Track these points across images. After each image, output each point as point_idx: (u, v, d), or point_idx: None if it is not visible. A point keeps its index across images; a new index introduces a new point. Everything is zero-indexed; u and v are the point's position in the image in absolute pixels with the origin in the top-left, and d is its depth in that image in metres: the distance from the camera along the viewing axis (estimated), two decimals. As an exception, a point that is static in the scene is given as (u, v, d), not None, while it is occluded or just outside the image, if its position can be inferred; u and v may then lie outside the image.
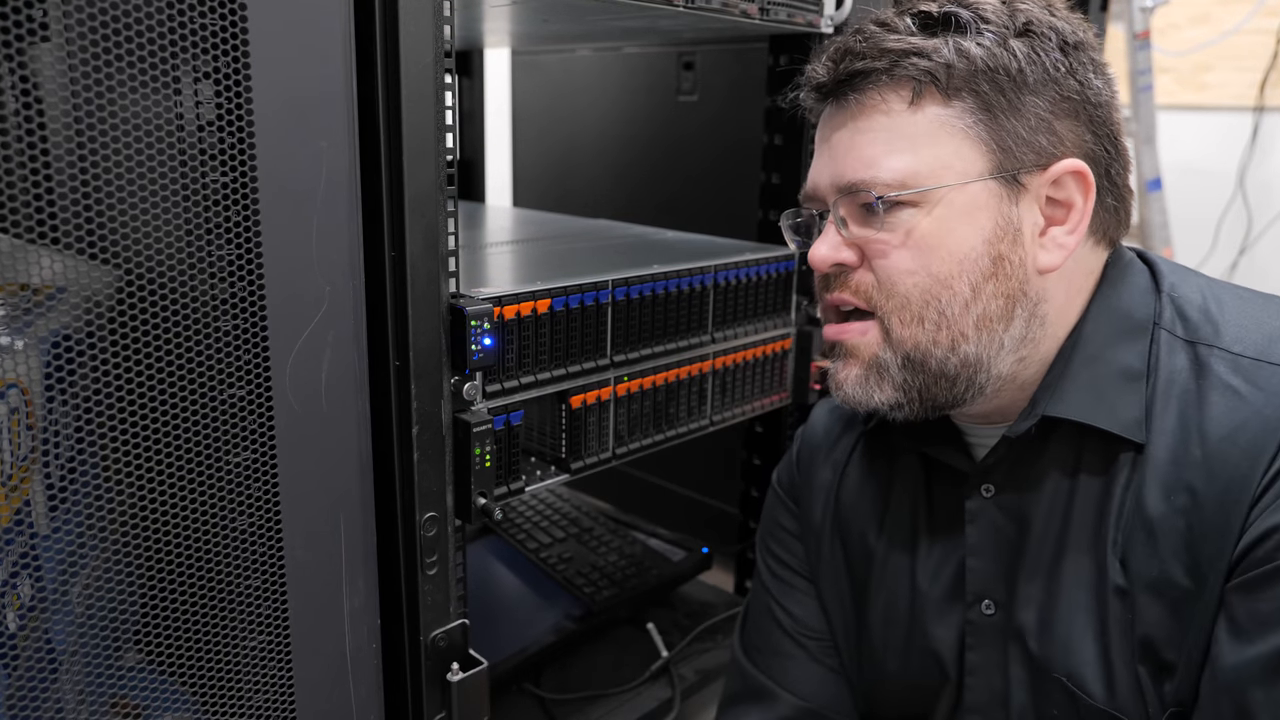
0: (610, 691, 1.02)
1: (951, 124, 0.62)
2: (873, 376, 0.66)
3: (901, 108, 0.63)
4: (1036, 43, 0.62)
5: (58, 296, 0.52)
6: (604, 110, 1.47)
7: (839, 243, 0.66)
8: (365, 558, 0.66)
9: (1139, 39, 2.28)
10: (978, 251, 0.62)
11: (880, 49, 0.62)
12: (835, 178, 0.65)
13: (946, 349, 0.63)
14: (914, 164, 0.62)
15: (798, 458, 0.87)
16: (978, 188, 0.62)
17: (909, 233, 0.63)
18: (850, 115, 0.65)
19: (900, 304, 0.64)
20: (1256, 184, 2.82)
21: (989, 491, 0.69)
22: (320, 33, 0.57)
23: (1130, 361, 0.64)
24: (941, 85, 0.61)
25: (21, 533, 0.53)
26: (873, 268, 0.65)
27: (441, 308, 0.67)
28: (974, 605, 0.70)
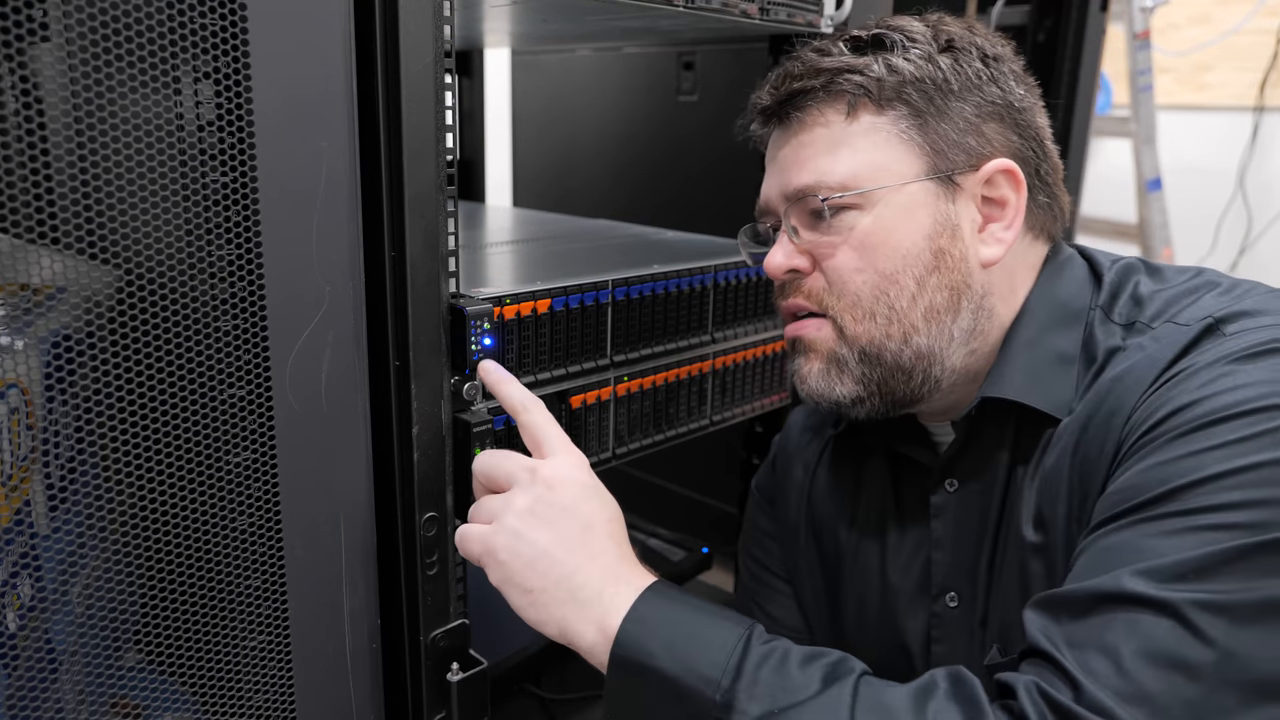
0: (610, 691, 1.02)
1: (886, 130, 0.67)
2: (833, 370, 0.69)
3: (839, 119, 0.68)
4: (959, 55, 0.67)
5: (58, 296, 0.52)
6: (604, 110, 1.47)
7: (792, 250, 0.69)
8: (365, 558, 0.66)
9: (1139, 39, 2.28)
10: (919, 247, 0.66)
11: (816, 69, 0.68)
12: (783, 187, 0.70)
13: (900, 342, 0.67)
14: (854, 168, 0.66)
15: (774, 461, 0.90)
16: (915, 188, 0.66)
17: (853, 232, 0.66)
18: (793, 132, 0.70)
19: (851, 302, 0.67)
20: (1256, 184, 2.82)
21: (952, 486, 0.71)
22: (320, 32, 0.57)
23: (1064, 346, 0.67)
24: (874, 97, 0.66)
25: (21, 533, 0.53)
26: (823, 270, 0.69)
27: (441, 308, 0.67)
28: (939, 598, 0.72)
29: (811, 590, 0.83)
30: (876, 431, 0.78)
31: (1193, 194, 2.80)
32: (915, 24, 0.70)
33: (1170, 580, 0.51)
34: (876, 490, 0.78)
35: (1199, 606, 0.50)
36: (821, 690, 0.55)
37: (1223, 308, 0.61)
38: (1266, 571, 0.50)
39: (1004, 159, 0.67)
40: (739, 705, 0.55)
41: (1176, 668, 0.49)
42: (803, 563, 0.83)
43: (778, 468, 0.89)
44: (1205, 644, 0.49)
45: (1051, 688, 0.51)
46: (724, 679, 0.56)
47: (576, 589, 0.59)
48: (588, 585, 0.60)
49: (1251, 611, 0.50)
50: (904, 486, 0.76)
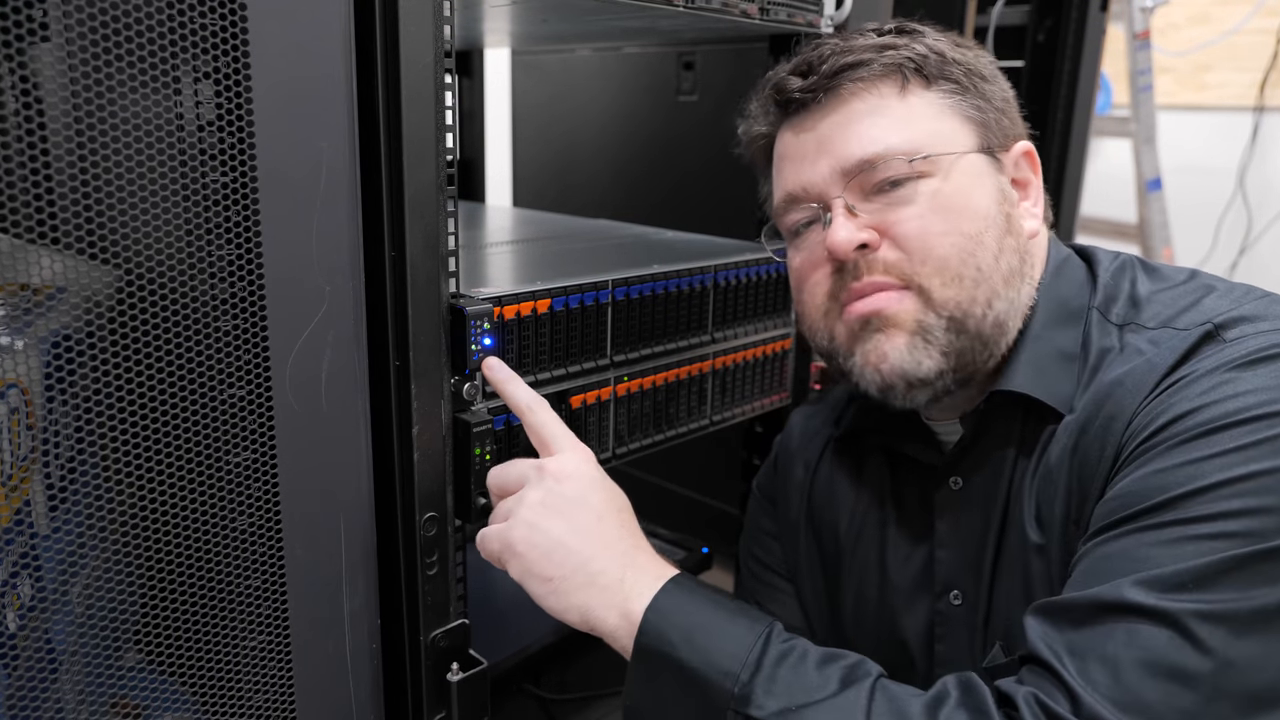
0: (610, 691, 1.02)
1: (939, 103, 0.67)
2: (919, 342, 0.65)
3: (892, 94, 0.67)
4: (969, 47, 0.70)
5: (58, 296, 0.52)
6: (604, 110, 1.47)
7: (857, 225, 0.66)
8: (365, 558, 0.66)
9: (1139, 39, 2.28)
10: (993, 211, 0.66)
11: (861, 47, 0.67)
12: (838, 164, 0.67)
13: (984, 306, 0.65)
14: (921, 135, 0.66)
15: (776, 461, 0.90)
16: (975, 158, 0.67)
17: (931, 197, 0.65)
18: (836, 108, 0.68)
19: (939, 265, 0.65)
20: (1256, 184, 2.82)
21: (957, 484, 0.71)
22: (320, 33, 0.57)
23: (1066, 344, 0.67)
24: (924, 71, 0.67)
25: (21, 533, 0.53)
26: (898, 241, 0.65)
27: (441, 308, 0.67)
28: (942, 596, 0.72)
29: (812, 588, 0.83)
30: (879, 431, 0.77)
31: (1193, 194, 2.80)
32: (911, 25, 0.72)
33: (1170, 590, 0.51)
34: (876, 488, 0.78)
35: (1198, 616, 0.50)
36: (839, 691, 0.55)
37: (1222, 312, 0.61)
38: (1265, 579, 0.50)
39: (1026, 141, 0.71)
40: (756, 699, 0.56)
41: (1174, 677, 0.49)
42: (803, 561, 0.84)
43: (779, 467, 0.89)
44: (1204, 654, 0.49)
45: (1050, 699, 0.51)
46: (743, 673, 0.56)
47: (595, 575, 0.61)
48: (606, 571, 0.61)
49: (1250, 620, 0.50)
50: (904, 484, 0.76)
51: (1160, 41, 2.69)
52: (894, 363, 0.66)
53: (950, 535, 0.72)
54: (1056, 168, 1.68)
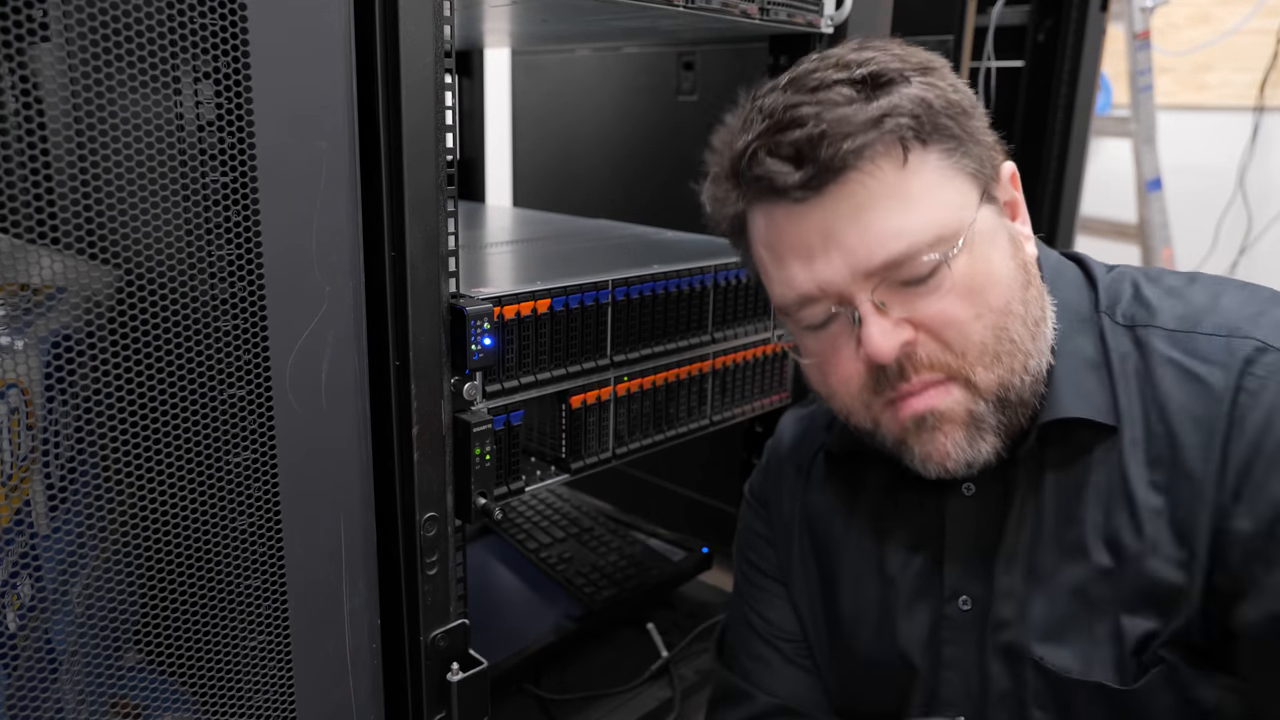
0: (610, 691, 1.02)
1: (941, 165, 0.62)
2: (973, 432, 0.64)
3: (895, 170, 0.61)
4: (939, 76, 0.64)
5: (58, 296, 0.52)
6: (604, 110, 1.47)
7: (890, 326, 0.62)
8: (365, 558, 0.66)
9: (1139, 39, 2.28)
10: (1011, 268, 0.64)
11: (855, 123, 0.60)
12: (860, 265, 0.61)
13: (1022, 372, 0.64)
14: (935, 215, 0.61)
15: (767, 465, 0.89)
16: (984, 213, 0.64)
17: (955, 279, 0.61)
18: (844, 199, 0.61)
19: (979, 352, 0.62)
20: (1256, 184, 2.82)
21: (969, 490, 0.70)
22: (320, 33, 0.57)
23: (1089, 351, 0.67)
24: (919, 135, 0.61)
25: (21, 533, 0.53)
26: (935, 333, 0.62)
27: (441, 308, 0.67)
28: (950, 601, 0.71)
29: (806, 591, 0.83)
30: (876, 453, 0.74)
31: (1193, 194, 2.80)
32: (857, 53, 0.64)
33: None
34: (873, 492, 0.78)
35: None
36: None
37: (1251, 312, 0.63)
38: None
39: (1008, 163, 0.67)
40: None
41: None
42: (796, 564, 0.83)
43: (770, 471, 0.88)
44: None
45: None
46: None
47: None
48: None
49: None
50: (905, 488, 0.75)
51: (1160, 41, 2.69)
52: (957, 458, 0.64)
53: (961, 541, 0.71)
54: (1056, 168, 1.68)
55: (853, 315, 0.63)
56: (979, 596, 0.70)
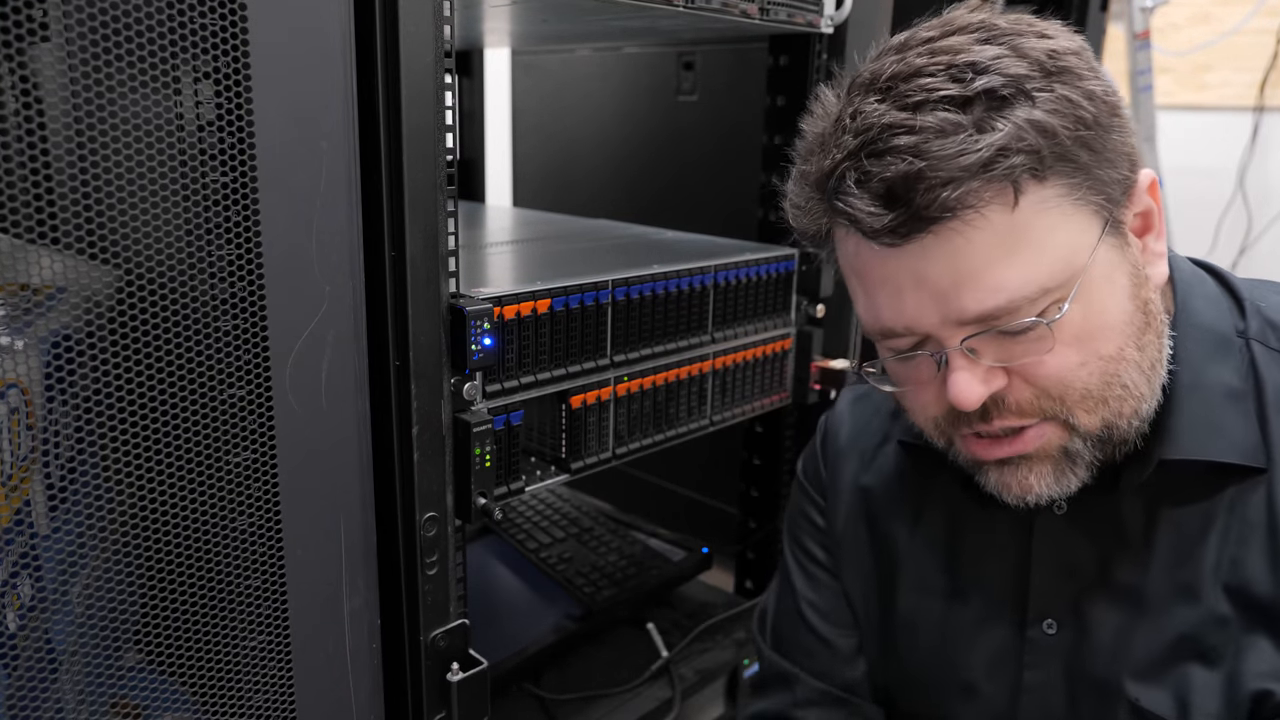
0: (610, 691, 1.02)
1: (1057, 206, 0.54)
2: (1065, 467, 0.60)
3: (1004, 217, 0.53)
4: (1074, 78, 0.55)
5: (58, 296, 0.52)
6: (604, 110, 1.47)
7: (980, 374, 0.57)
8: (365, 558, 0.66)
9: (1139, 39, 2.28)
10: (1129, 311, 0.58)
11: (960, 165, 0.52)
12: (954, 314, 0.56)
13: (1131, 417, 0.59)
14: (1045, 265, 0.54)
15: (823, 451, 0.83)
16: (1101, 251, 0.56)
17: (1065, 329, 0.56)
18: (941, 245, 0.54)
19: (1080, 398, 0.58)
20: (1256, 184, 2.82)
21: (1061, 509, 0.66)
22: (320, 33, 0.57)
23: (1229, 380, 0.61)
24: (1040, 169, 0.53)
25: (21, 533, 0.53)
26: (1031, 380, 0.57)
27: (441, 308, 0.67)
28: (1035, 624, 0.67)
29: (861, 586, 0.79)
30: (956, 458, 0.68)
31: (1193, 194, 2.80)
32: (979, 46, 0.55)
33: None
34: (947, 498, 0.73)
35: None
36: None
37: None
38: None
39: (1145, 170, 0.59)
40: None
41: None
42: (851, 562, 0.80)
43: (829, 457, 0.82)
44: None
45: None
46: None
47: None
48: None
49: None
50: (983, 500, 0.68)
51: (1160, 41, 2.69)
52: (1039, 493, 0.61)
53: (1049, 561, 0.67)
54: (1056, 168, 1.67)
55: (940, 358, 0.58)
56: (1066, 621, 0.66)
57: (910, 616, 0.75)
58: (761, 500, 1.19)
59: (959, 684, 0.71)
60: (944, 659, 0.72)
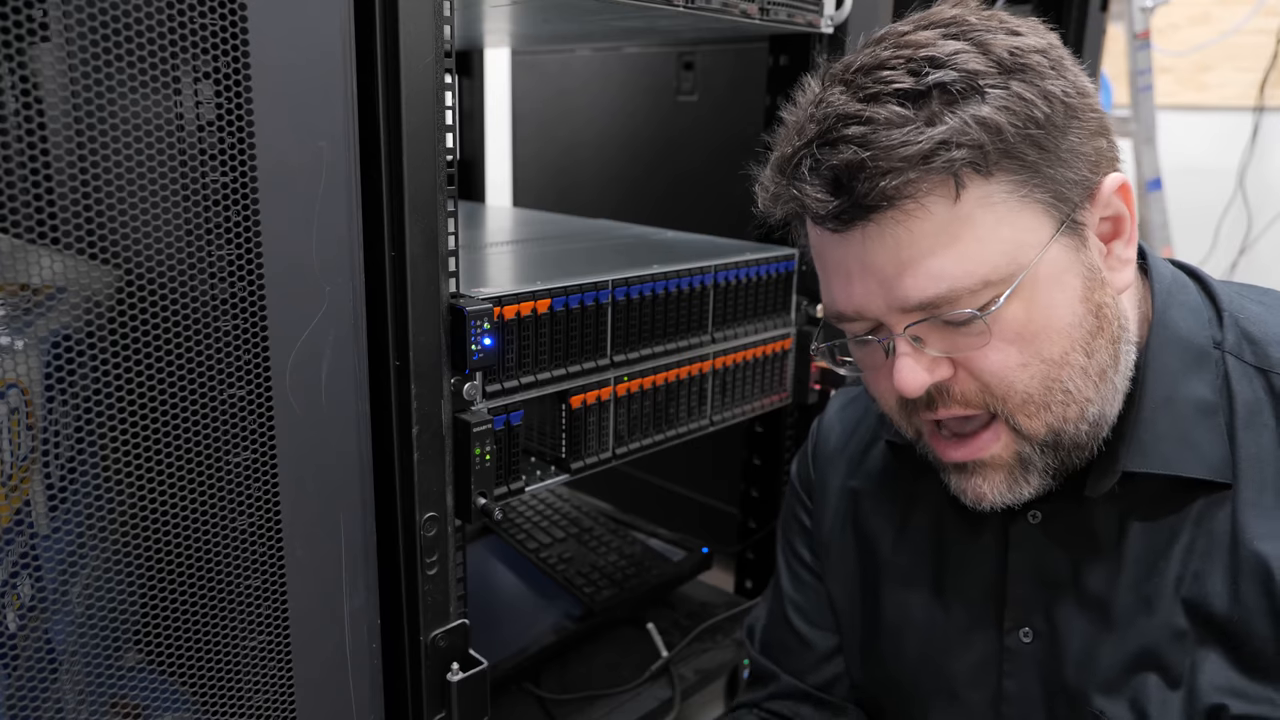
0: (610, 691, 1.02)
1: (1003, 202, 0.55)
2: (1018, 475, 0.61)
3: (946, 209, 0.55)
4: (1035, 76, 0.55)
5: (58, 296, 0.52)
6: (604, 110, 1.47)
7: (925, 362, 0.58)
8: (365, 558, 0.66)
9: (1139, 39, 2.28)
10: (1079, 314, 0.58)
11: (901, 156, 0.53)
12: (897, 302, 0.57)
13: (1077, 419, 0.59)
14: (987, 262, 0.55)
15: (813, 455, 0.84)
16: (1053, 251, 0.56)
17: (1004, 325, 0.56)
18: (885, 234, 0.56)
19: (1022, 400, 0.58)
20: (1256, 184, 2.82)
21: (1035, 518, 0.66)
22: (320, 33, 0.57)
23: (1202, 394, 0.61)
24: (981, 167, 0.54)
25: (21, 533, 0.53)
26: (975, 374, 0.58)
27: (441, 308, 0.67)
28: (1012, 632, 0.68)
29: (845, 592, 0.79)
30: None
31: (1193, 194, 2.80)
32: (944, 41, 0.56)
33: None
34: (932, 505, 0.73)
35: None
36: None
37: None
38: None
39: (1114, 174, 0.59)
40: None
41: None
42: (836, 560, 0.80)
43: (817, 463, 0.83)
44: None
45: None
46: None
47: None
48: None
49: None
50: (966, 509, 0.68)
51: (1160, 41, 2.69)
52: (992, 500, 0.62)
53: (1025, 570, 0.67)
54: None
55: (888, 345, 0.59)
56: (1041, 631, 0.66)
57: (895, 621, 0.75)
58: (761, 500, 1.19)
59: (942, 690, 0.72)
60: (928, 664, 0.73)
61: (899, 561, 0.75)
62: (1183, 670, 0.60)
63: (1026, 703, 0.67)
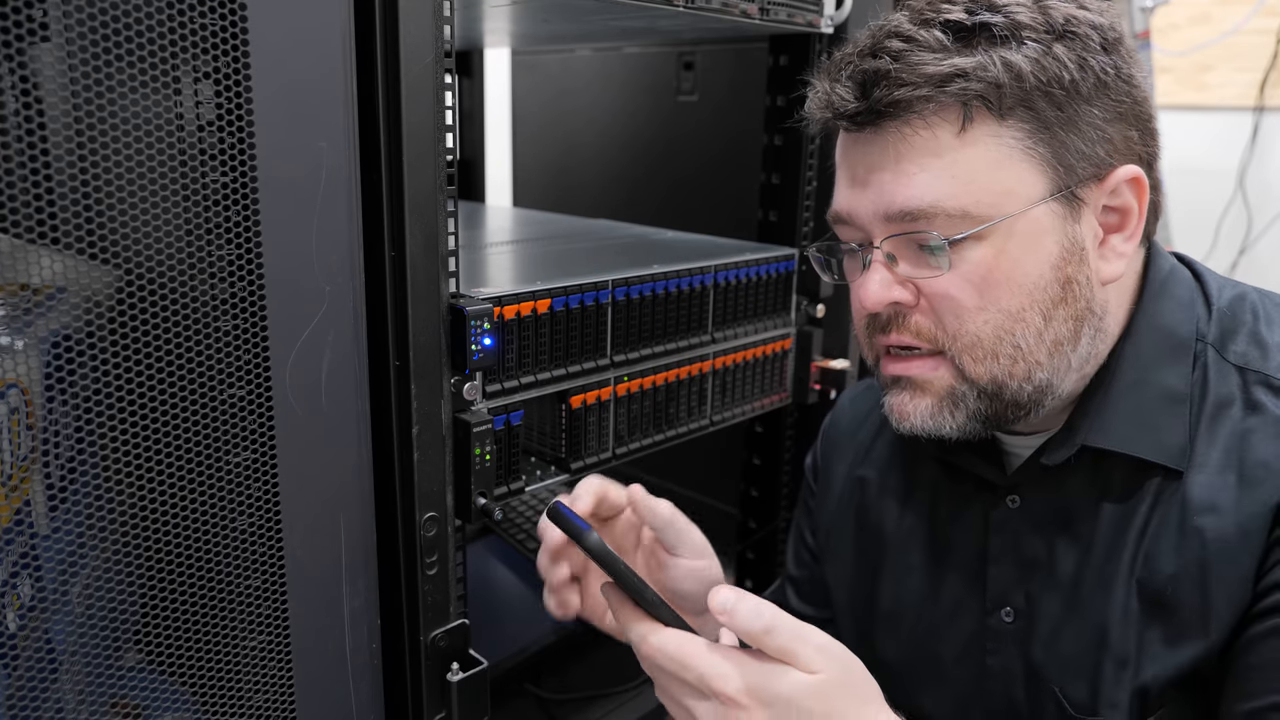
0: (610, 691, 1.02)
1: (1008, 146, 0.58)
2: (946, 407, 0.63)
3: (951, 135, 0.58)
4: (1080, 45, 0.58)
5: (58, 296, 0.52)
6: (604, 110, 1.47)
7: (891, 280, 0.61)
8: (365, 558, 0.66)
9: (1139, 39, 2.28)
10: (1047, 279, 0.59)
11: (921, 74, 0.57)
12: (882, 208, 0.61)
13: (1022, 379, 0.61)
14: (973, 194, 0.58)
15: (822, 443, 0.87)
16: (1040, 211, 0.58)
17: (971, 265, 0.59)
18: (890, 142, 0.60)
19: (970, 342, 0.60)
20: (1256, 184, 2.82)
21: (1015, 503, 0.68)
22: (320, 32, 0.57)
23: (1173, 383, 0.62)
24: (994, 106, 0.57)
25: (21, 533, 0.53)
26: (933, 307, 0.61)
27: (441, 308, 0.67)
28: (994, 613, 0.69)
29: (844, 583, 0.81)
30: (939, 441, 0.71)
31: (1193, 194, 2.80)
32: None
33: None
34: (929, 491, 0.75)
35: None
36: None
37: None
38: None
39: (1131, 166, 0.60)
40: None
41: None
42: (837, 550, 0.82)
43: (824, 453, 0.86)
44: None
45: None
46: None
47: None
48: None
49: None
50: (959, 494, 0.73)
51: (1160, 41, 2.69)
52: (914, 423, 0.64)
53: (1005, 553, 0.69)
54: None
55: (865, 259, 0.63)
56: (1021, 610, 0.68)
57: (891, 604, 0.77)
58: (761, 500, 1.19)
59: (931, 670, 0.74)
60: (920, 647, 0.74)
61: (898, 546, 0.77)
62: (1130, 650, 0.62)
63: (1008, 679, 0.69)
